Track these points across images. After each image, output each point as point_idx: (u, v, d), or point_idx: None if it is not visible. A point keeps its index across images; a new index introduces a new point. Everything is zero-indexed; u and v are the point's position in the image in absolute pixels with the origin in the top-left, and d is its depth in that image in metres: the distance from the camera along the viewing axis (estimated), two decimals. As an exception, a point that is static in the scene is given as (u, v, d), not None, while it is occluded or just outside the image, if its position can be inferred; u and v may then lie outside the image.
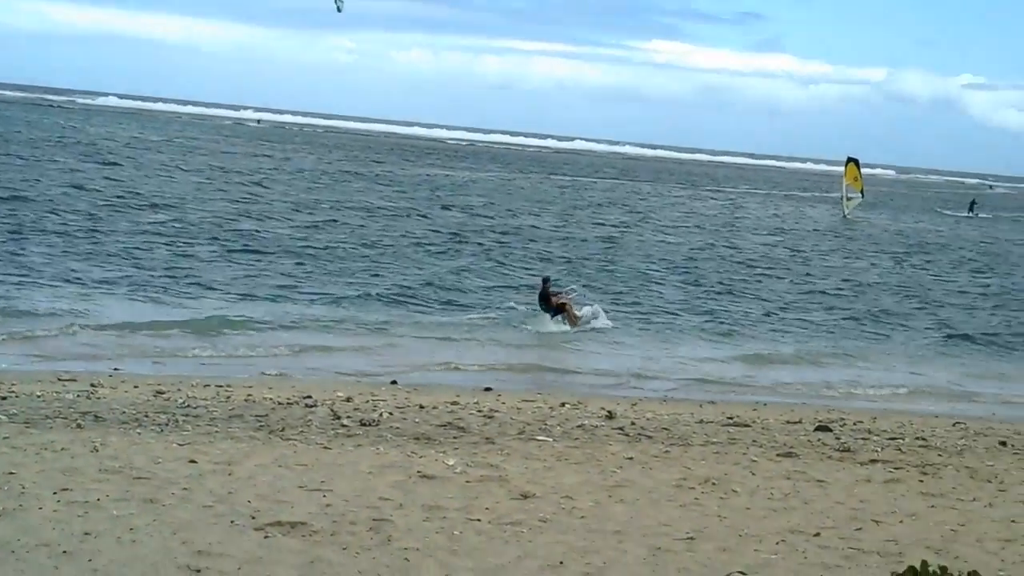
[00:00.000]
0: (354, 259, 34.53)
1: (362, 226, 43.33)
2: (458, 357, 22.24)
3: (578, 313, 26.95)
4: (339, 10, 23.05)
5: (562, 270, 34.97)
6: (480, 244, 41.07)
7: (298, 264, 32.40)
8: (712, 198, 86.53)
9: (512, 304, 28.45)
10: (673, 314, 29.67)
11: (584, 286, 31.34)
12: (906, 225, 72.72)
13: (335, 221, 44.03)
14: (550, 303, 26.99)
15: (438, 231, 44.10)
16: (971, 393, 22.96)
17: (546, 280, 28.00)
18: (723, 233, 54.30)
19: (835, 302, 34.73)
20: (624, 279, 35.37)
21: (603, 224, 53.50)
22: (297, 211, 46.58)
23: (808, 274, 41.45)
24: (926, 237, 63.27)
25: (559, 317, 26.74)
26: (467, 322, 26.08)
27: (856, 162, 70.41)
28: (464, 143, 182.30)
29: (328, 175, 69.84)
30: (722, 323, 29.02)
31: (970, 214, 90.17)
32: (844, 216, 70.79)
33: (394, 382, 19.03)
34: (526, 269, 35.70)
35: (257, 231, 38.58)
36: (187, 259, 31.43)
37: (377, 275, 31.72)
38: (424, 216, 49.40)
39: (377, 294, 28.47)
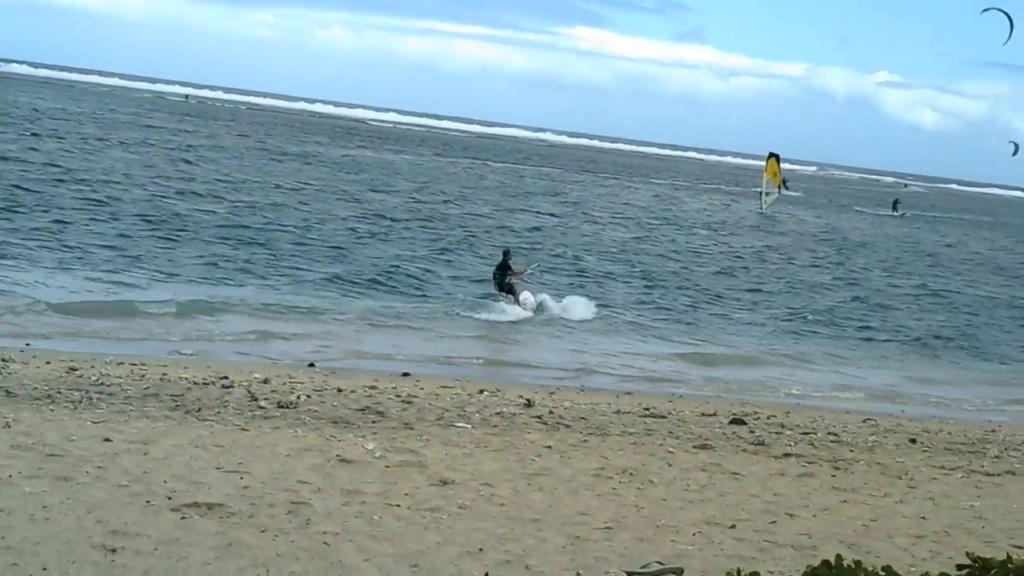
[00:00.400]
0: (289, 242, 33.92)
1: (297, 208, 42.50)
2: (385, 343, 22.05)
3: (521, 296, 27.27)
4: None
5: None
6: (411, 228, 40.57)
7: (228, 245, 31.66)
8: (637, 188, 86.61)
9: (461, 295, 28.11)
10: (616, 307, 29.44)
11: (544, 271, 31.25)
12: (828, 222, 73.41)
13: (275, 203, 42.98)
14: (506, 274, 27.70)
15: (379, 215, 43.19)
16: (897, 393, 23.14)
17: (507, 252, 28.79)
18: (660, 227, 54.27)
19: (772, 299, 34.65)
20: (565, 270, 35.05)
21: (540, 213, 52.99)
22: (234, 190, 45.55)
23: (746, 269, 41.34)
24: (850, 235, 64.06)
25: (503, 295, 27.36)
26: (403, 309, 25.80)
27: (777, 157, 69.99)
28: (388, 124, 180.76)
29: (257, 153, 68.63)
30: (665, 319, 28.91)
31: (895, 213, 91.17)
32: (761, 211, 70.82)
33: (312, 365, 18.88)
34: (464, 258, 35.31)
35: (189, 211, 37.63)
36: (113, 237, 30.48)
37: (315, 260, 31.15)
38: (357, 200, 48.46)
39: (312, 280, 27.90)
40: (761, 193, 73.24)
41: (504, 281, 27.68)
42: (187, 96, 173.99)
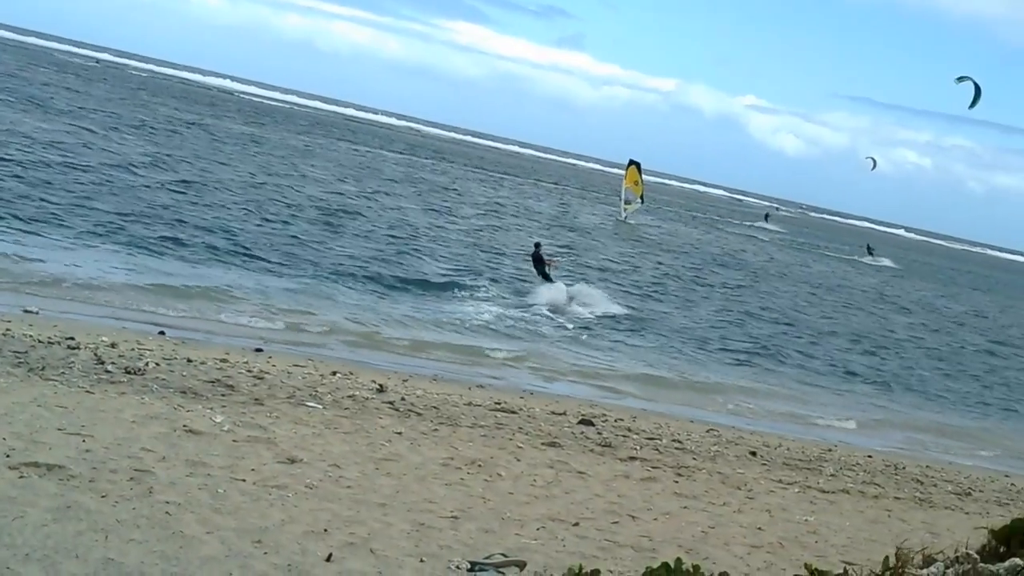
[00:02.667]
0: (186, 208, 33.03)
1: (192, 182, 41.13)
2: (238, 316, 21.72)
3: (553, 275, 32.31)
4: None
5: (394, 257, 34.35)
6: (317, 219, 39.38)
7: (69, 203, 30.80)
8: (514, 188, 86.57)
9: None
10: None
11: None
12: (703, 237, 74.44)
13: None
14: (543, 264, 32.49)
15: (290, 202, 42.01)
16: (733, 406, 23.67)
17: (538, 244, 33.74)
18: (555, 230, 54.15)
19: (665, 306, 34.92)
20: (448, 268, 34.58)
21: (434, 209, 51.91)
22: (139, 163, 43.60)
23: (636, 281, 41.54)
24: (726, 249, 65.27)
25: (543, 277, 32.13)
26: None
27: (638, 166, 68.67)
28: (267, 101, 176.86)
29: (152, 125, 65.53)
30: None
31: (765, 223, 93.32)
32: (622, 219, 70.02)
33: (162, 332, 18.49)
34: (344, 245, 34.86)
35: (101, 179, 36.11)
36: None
37: (211, 231, 30.42)
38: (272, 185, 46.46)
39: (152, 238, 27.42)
40: (621, 200, 72.20)
41: (543, 270, 32.45)
42: (98, 60, 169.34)
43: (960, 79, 38.95)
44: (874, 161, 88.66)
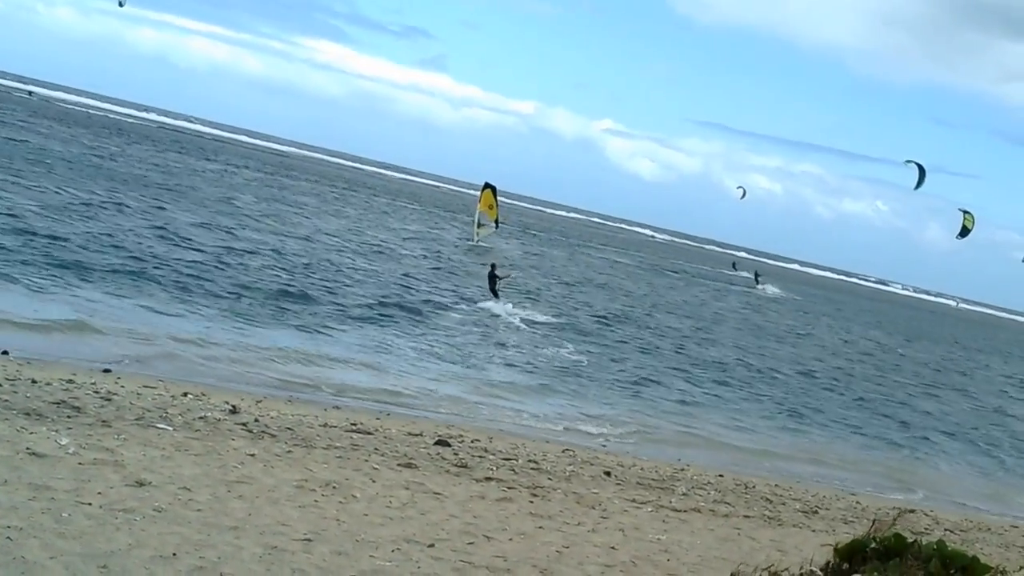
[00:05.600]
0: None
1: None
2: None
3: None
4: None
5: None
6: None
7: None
8: (376, 209, 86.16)
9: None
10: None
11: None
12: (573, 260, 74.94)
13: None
14: (494, 283, 39.95)
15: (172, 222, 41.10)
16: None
17: (493, 265, 41.82)
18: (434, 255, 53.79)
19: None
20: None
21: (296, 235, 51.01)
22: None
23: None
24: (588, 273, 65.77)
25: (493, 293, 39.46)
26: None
27: (493, 189, 65.26)
28: (113, 116, 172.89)
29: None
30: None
31: (758, 286, 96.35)
32: (474, 243, 67.42)
33: (5, 352, 17.91)
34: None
35: None
36: None
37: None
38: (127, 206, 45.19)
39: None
40: (474, 223, 68.57)
41: (493, 287, 39.88)
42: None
43: (908, 162, 45.78)
44: (744, 191, 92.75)
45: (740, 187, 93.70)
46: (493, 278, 40.16)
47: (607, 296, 55.22)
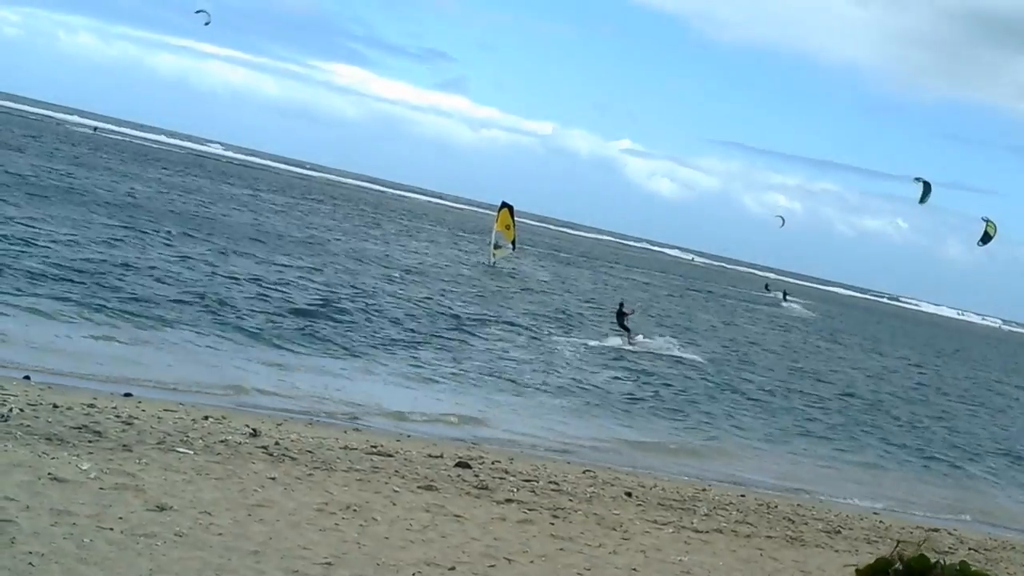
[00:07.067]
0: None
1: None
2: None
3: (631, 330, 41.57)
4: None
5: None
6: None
7: None
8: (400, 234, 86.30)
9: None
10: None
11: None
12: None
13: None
14: (623, 319, 41.77)
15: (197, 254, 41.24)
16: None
17: (622, 303, 43.52)
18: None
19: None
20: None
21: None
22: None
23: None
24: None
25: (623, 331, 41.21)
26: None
27: (511, 209, 63.61)
28: (126, 139, 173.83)
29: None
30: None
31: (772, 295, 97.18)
32: (491, 264, 66.17)
33: (27, 377, 17.99)
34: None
35: None
36: None
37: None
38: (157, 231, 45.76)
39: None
40: (490, 245, 67.24)
41: (622, 322, 41.66)
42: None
43: (917, 179, 46.96)
44: (783, 220, 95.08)
45: (779, 216, 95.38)
46: (621, 315, 42.02)
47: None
